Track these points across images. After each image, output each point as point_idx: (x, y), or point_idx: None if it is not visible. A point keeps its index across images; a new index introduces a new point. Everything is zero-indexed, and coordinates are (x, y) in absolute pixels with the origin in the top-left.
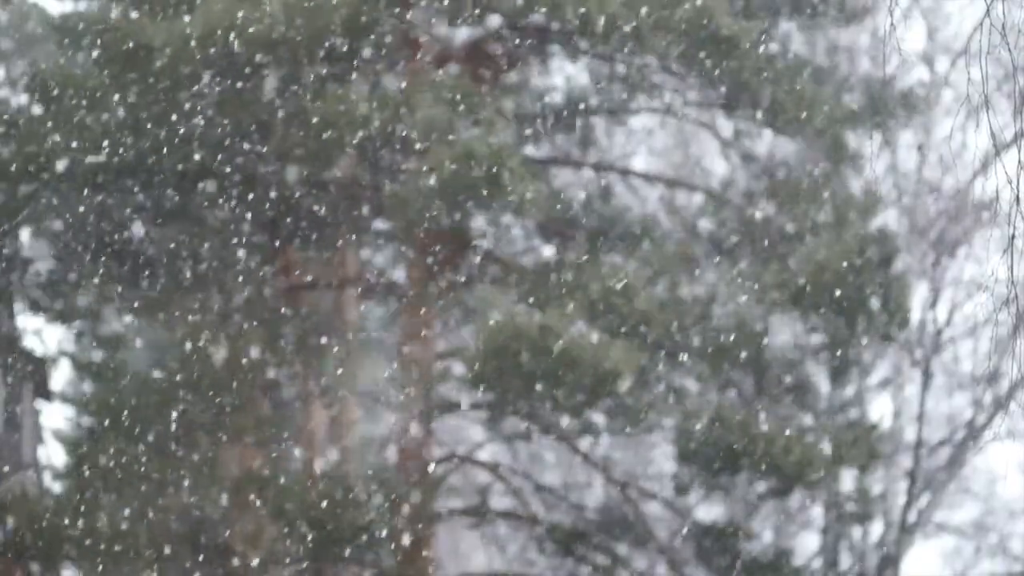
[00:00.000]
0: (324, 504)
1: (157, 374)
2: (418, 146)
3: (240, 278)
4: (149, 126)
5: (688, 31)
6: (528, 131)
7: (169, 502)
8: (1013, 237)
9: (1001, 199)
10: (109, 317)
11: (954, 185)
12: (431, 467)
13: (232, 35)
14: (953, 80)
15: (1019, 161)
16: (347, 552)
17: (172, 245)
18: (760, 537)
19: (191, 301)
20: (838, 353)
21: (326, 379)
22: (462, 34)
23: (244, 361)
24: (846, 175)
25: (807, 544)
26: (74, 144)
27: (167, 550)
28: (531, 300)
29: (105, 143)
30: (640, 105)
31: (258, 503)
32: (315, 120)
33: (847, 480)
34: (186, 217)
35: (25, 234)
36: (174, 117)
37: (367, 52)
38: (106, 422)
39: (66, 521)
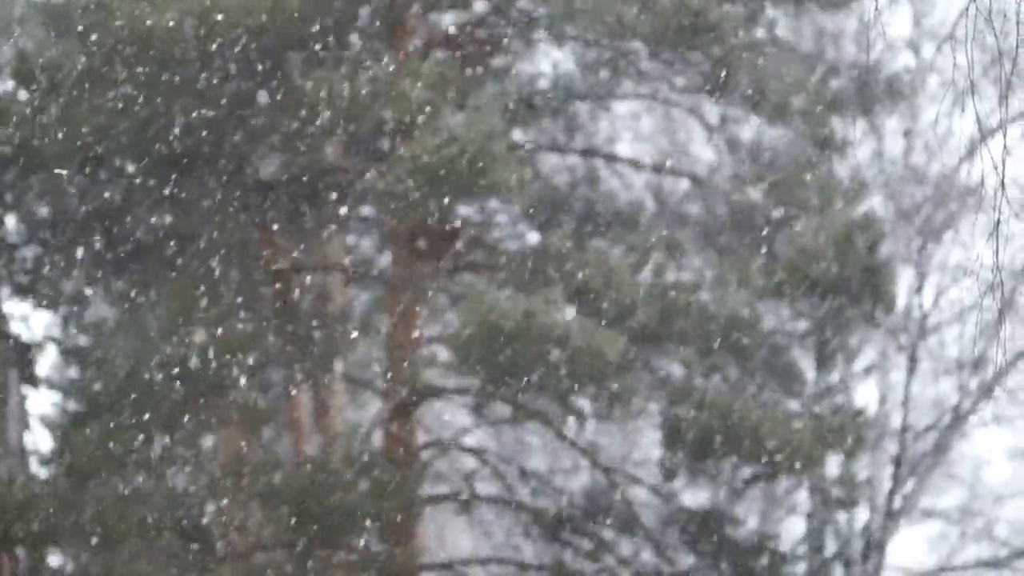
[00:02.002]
0: (310, 490)
1: (143, 359)
2: (403, 132)
3: (226, 263)
4: (135, 111)
5: (674, 16)
6: (514, 117)
7: (155, 488)
8: (998, 222)
9: (987, 184)
10: (95, 302)
11: (940, 171)
12: (417, 453)
13: (219, 19)
14: (939, 66)
15: (1004, 147)
16: (333, 538)
17: (158, 231)
18: (745, 522)
19: (177, 286)
20: (824, 339)
21: (312, 365)
22: (448, 19)
23: (230, 346)
24: (832, 161)
25: (792, 529)
26: (61, 129)
27: (153, 535)
28: (516, 286)
29: (92, 128)
30: (626, 91)
31: (243, 488)
32: (300, 105)
33: (833, 466)
34: (172, 202)
35: (11, 219)
36: (160, 102)
37: (353, 37)
38: (92, 407)
39: (52, 507)
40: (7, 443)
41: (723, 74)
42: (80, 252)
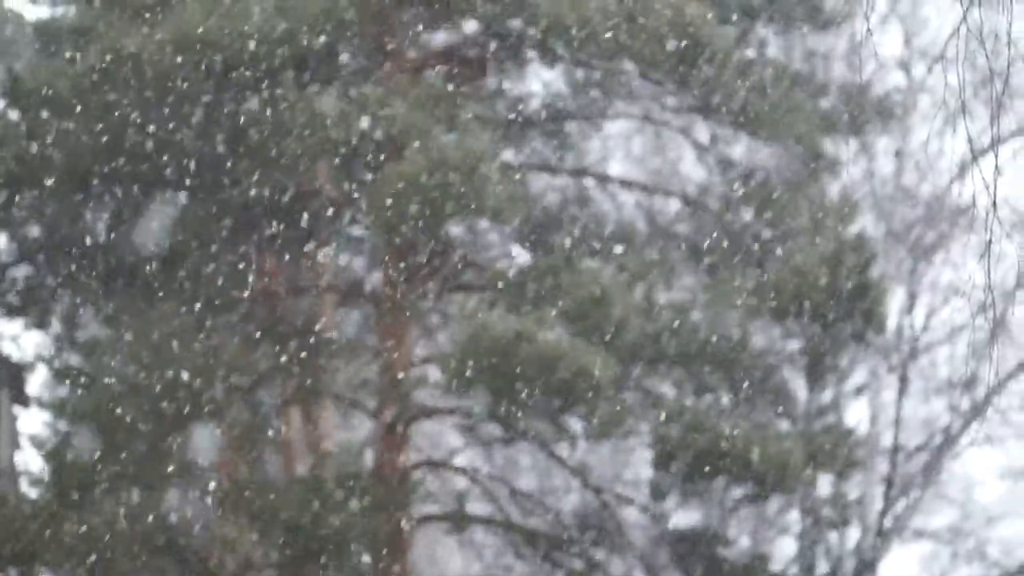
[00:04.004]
0: (301, 510)
1: (134, 380)
2: (394, 151)
3: (217, 284)
4: (126, 132)
5: (665, 37)
6: (504, 136)
7: (146, 508)
8: (990, 242)
9: (978, 205)
10: (86, 322)
11: (931, 191)
12: (408, 473)
13: (208, 41)
14: (930, 85)
15: (996, 167)
16: (324, 558)
17: (148, 251)
18: (737, 542)
19: (168, 307)
20: (815, 359)
21: (303, 385)
22: (439, 39)
23: (221, 366)
24: (823, 180)
25: (784, 549)
26: (51, 150)
27: (144, 556)
28: (507, 305)
29: (83, 149)
30: (617, 111)
31: (235, 508)
32: (292, 125)
33: (824, 485)
34: (162, 223)
35: (2, 239)
36: (151, 123)
37: (344, 57)
38: (83, 427)
39: (43, 527)
40: None
41: (714, 94)
42: (71, 272)
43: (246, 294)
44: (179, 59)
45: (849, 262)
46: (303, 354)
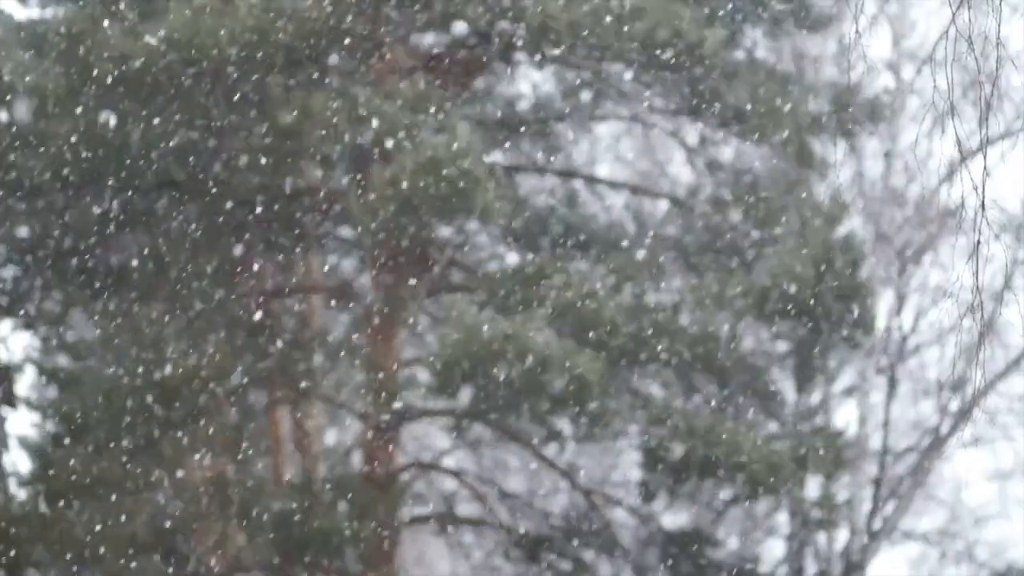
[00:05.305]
0: (289, 511)
1: (123, 381)
2: (383, 153)
3: (205, 285)
4: (115, 133)
5: (654, 38)
6: (494, 138)
7: (135, 509)
8: (978, 244)
9: (967, 206)
10: (76, 323)
11: (920, 192)
12: (396, 474)
13: (196, 42)
14: (919, 87)
15: (984, 168)
16: (312, 559)
17: (137, 252)
18: (725, 544)
19: (156, 308)
20: (803, 360)
21: (291, 387)
22: (428, 41)
23: (209, 367)
24: (812, 182)
25: (772, 551)
26: (39, 151)
27: (133, 557)
28: (496, 307)
29: (70, 150)
30: (606, 112)
31: (224, 510)
32: (280, 127)
33: (812, 487)
34: (151, 224)
35: None
36: (140, 124)
37: (333, 59)
38: (72, 429)
39: (32, 529)
40: None
41: (703, 96)
42: (60, 273)
43: (234, 295)
44: (167, 60)
45: (838, 264)
46: (292, 355)
